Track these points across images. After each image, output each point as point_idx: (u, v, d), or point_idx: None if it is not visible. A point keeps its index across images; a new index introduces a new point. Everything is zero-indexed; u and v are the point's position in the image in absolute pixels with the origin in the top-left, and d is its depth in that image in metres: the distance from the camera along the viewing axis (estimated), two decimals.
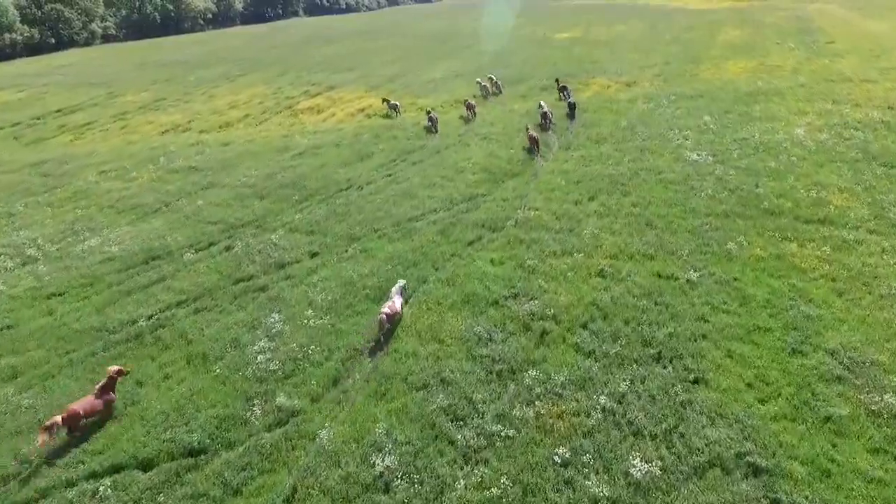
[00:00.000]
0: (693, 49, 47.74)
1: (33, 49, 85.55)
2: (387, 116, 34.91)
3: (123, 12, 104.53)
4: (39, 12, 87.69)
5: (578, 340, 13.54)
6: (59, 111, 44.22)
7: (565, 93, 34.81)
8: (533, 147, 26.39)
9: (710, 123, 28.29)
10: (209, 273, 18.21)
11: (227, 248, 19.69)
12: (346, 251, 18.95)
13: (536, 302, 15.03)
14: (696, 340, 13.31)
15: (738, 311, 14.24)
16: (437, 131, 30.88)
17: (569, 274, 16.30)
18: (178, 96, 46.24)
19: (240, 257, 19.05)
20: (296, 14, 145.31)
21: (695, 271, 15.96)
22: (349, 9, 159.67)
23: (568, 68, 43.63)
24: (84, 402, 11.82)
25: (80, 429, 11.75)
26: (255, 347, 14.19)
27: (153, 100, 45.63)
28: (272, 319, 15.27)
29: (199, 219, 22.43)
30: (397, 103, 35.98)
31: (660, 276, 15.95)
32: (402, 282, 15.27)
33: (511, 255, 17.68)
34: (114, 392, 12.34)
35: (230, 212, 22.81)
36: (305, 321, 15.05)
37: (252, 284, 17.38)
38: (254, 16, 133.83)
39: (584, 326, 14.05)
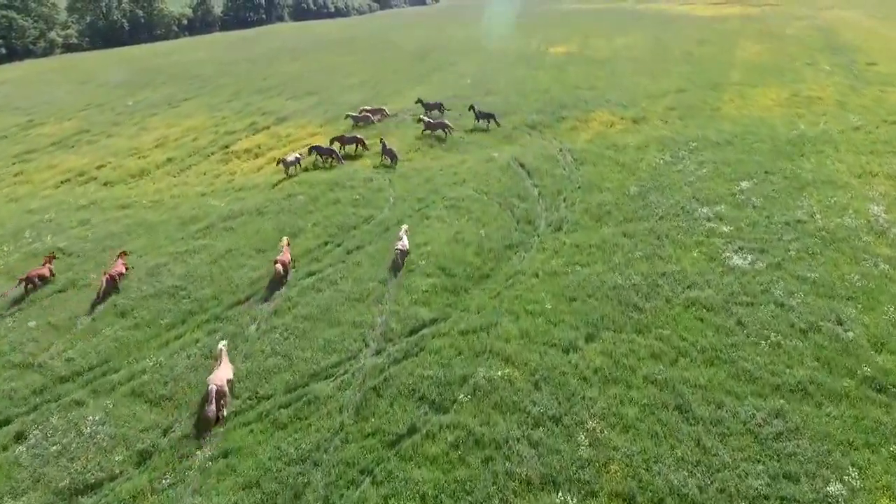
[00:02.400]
0: (710, 71, 40.72)
1: None
2: (330, 167, 27.82)
3: (88, 19, 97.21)
4: None
5: None
6: None
7: (490, 120, 31.55)
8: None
9: (750, 192, 21.31)
10: None
11: (18, 438, 12.63)
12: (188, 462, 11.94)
13: None
14: None
15: None
16: (394, 160, 27.27)
17: None
18: (104, 127, 39.13)
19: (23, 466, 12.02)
20: (281, 19, 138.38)
21: None
22: (338, 13, 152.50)
23: (562, 96, 36.60)
24: None
25: None
26: None
27: (74, 132, 38.51)
28: None
29: None
30: (361, 138, 29.19)
31: None
32: (405, 226, 19.38)
33: (456, 480, 10.66)
34: None
35: (55, 347, 15.65)
36: None
37: None
38: (235, 21, 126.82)
39: None
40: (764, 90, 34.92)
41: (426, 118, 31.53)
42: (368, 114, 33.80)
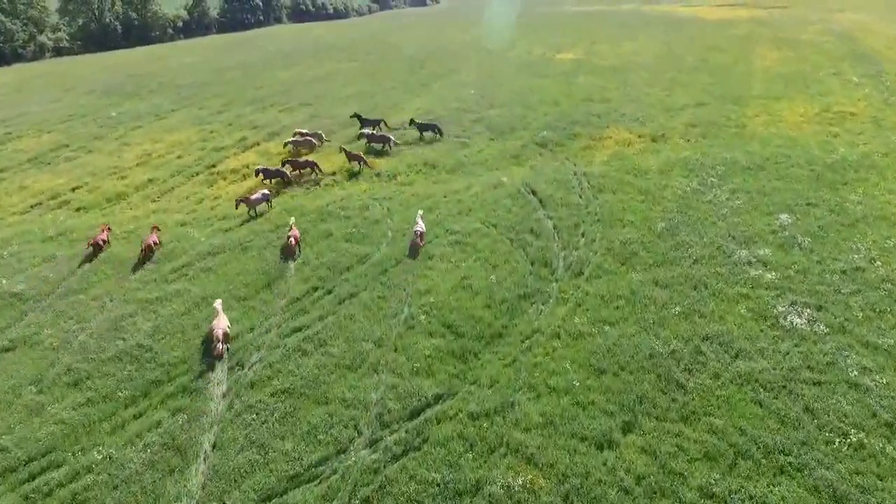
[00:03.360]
0: (728, 81, 38.33)
1: None
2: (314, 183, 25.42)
3: (80, 21, 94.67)
4: None
5: None
6: None
7: (376, 128, 31.52)
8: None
9: (793, 229, 18.92)
10: None
11: None
12: None
13: None
14: None
15: None
16: (362, 162, 27.15)
17: None
18: (85, 141, 36.67)
19: None
20: (279, 20, 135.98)
21: None
22: (337, 14, 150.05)
23: (572, 110, 34.20)
24: None
25: None
26: None
27: (52, 147, 36.06)
28: None
29: None
30: (314, 162, 27.14)
31: None
32: (421, 211, 21.17)
33: None
34: None
35: None
36: None
37: None
38: (231, 23, 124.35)
39: None
40: (790, 104, 32.52)
41: (367, 131, 30.88)
42: (310, 137, 30.78)
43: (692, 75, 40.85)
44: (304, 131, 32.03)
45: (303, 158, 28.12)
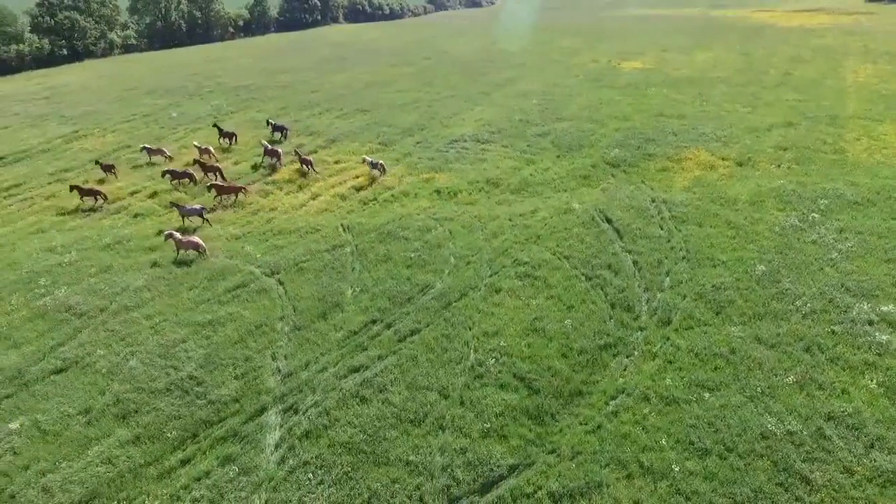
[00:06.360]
0: (819, 98, 35.09)
1: (43, 61, 79.33)
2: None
3: (147, 20, 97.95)
4: (52, 21, 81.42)
5: None
6: (0, 159, 35.69)
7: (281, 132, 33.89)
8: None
9: None
10: None
11: None
12: None
13: None
14: None
15: None
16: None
17: None
18: (146, 141, 36.86)
19: None
20: (335, 20, 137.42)
21: None
22: (393, 14, 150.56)
23: (645, 126, 31.91)
24: None
25: None
26: None
27: (114, 147, 36.48)
28: None
29: None
30: (192, 174, 28.17)
31: None
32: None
33: None
34: None
35: (35, 465, 12.53)
36: None
37: None
38: (290, 22, 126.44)
39: None
40: (895, 127, 29.24)
41: (265, 142, 31.32)
42: (157, 152, 32.47)
43: (776, 91, 37.71)
44: (149, 146, 33.29)
45: (181, 170, 28.88)
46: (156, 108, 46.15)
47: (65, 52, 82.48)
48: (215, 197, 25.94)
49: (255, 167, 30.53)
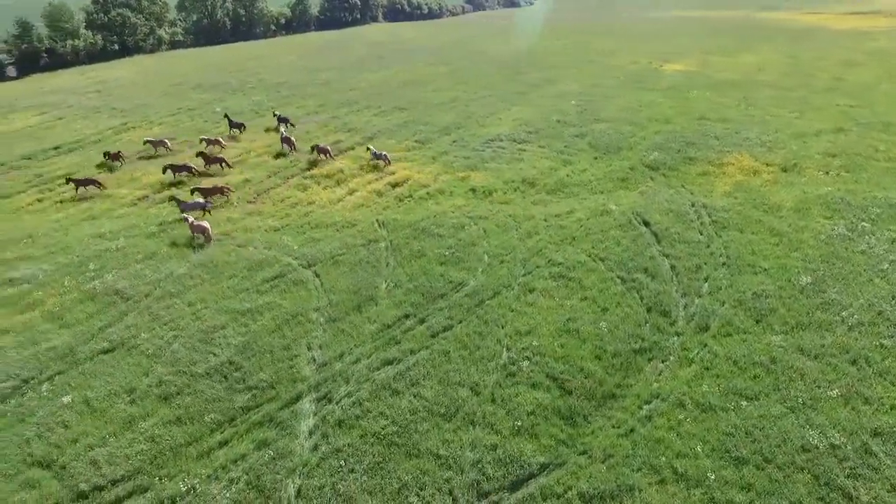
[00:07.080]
0: (872, 104, 33.73)
1: (95, 56, 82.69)
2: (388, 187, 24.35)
3: (194, 17, 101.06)
4: (105, 17, 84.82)
5: None
6: (56, 148, 37.34)
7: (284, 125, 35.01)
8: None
9: None
10: None
11: None
12: None
13: None
14: None
15: None
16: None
17: None
18: (190, 135, 38.17)
19: None
20: (374, 19, 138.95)
21: None
22: (431, 14, 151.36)
23: (686, 129, 31.27)
24: None
25: None
26: None
27: (157, 141, 37.82)
28: None
29: None
30: (191, 166, 29.86)
31: None
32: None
33: None
34: None
35: (84, 440, 13.13)
36: None
37: None
38: (330, 21, 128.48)
39: None
40: None
41: (283, 131, 33.84)
42: (160, 144, 34.42)
43: (826, 95, 36.41)
44: (151, 139, 35.10)
45: (180, 163, 30.34)
46: (201, 102, 47.59)
47: (116, 47, 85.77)
48: (205, 199, 26.12)
49: (276, 156, 31.89)
